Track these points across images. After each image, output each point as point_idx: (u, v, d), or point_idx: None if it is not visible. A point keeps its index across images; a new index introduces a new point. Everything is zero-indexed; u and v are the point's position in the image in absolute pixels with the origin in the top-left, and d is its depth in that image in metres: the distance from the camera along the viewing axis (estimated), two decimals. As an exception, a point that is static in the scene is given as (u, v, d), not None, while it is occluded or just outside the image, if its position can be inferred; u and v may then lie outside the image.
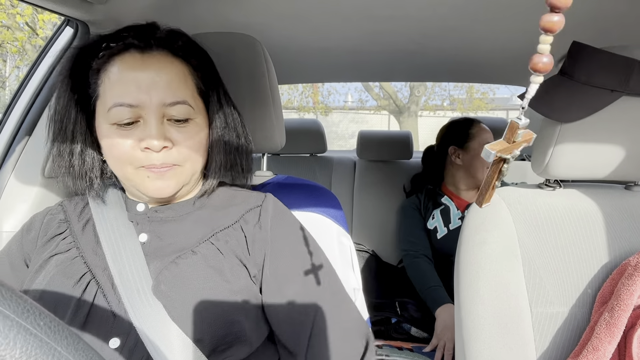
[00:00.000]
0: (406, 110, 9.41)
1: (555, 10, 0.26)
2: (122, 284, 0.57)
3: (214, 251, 0.61)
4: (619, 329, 0.57)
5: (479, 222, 0.72)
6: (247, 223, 0.65)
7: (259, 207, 0.66)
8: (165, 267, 0.59)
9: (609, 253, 0.68)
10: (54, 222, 0.66)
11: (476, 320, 0.67)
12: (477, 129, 1.56)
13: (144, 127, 0.57)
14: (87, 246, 0.63)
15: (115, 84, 0.57)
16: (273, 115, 0.81)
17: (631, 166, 0.71)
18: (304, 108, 11.07)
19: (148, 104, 0.57)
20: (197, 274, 0.58)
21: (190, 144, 0.61)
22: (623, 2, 0.93)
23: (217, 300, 0.57)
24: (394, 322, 1.38)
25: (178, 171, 0.60)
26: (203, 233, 0.63)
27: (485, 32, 1.19)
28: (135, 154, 0.58)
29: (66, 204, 0.69)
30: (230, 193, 0.70)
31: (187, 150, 0.60)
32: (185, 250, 0.61)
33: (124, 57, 0.59)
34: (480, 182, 1.54)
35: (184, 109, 0.59)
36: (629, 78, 0.66)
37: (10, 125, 0.91)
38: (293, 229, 0.67)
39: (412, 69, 1.70)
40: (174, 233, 0.63)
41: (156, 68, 0.58)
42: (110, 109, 0.57)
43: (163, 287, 0.57)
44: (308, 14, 1.08)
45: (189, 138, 0.60)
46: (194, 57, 0.64)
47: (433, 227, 1.53)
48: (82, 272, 0.59)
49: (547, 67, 0.28)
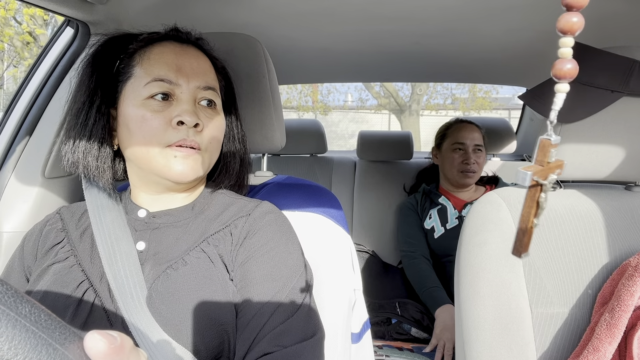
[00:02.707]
0: (407, 109, 9.15)
1: (572, 9, 0.24)
2: (118, 289, 0.57)
3: (205, 260, 0.60)
4: (619, 330, 0.57)
5: (479, 222, 0.72)
6: (237, 227, 0.64)
7: (250, 213, 0.65)
8: (158, 277, 0.59)
9: (609, 253, 0.68)
10: (52, 233, 0.66)
11: (476, 321, 0.67)
12: (452, 129, 1.59)
13: (177, 105, 0.60)
14: (85, 254, 0.62)
15: (156, 62, 0.61)
16: (273, 115, 0.81)
17: (631, 166, 0.71)
18: (303, 107, 10.89)
19: (185, 85, 0.61)
20: (188, 285, 0.57)
21: (214, 131, 0.64)
22: (623, 2, 0.93)
23: (207, 312, 0.56)
24: (394, 322, 1.38)
25: (199, 159, 0.62)
26: (195, 238, 0.63)
27: (486, 32, 1.19)
28: (167, 130, 0.59)
29: (64, 212, 0.69)
30: (227, 200, 0.69)
31: (211, 135, 0.63)
32: (178, 258, 0.60)
33: (163, 44, 0.64)
34: (454, 182, 1.56)
35: (214, 95, 0.64)
36: (629, 79, 0.66)
37: (11, 126, 0.91)
38: (278, 238, 0.63)
39: (412, 70, 1.70)
40: (171, 241, 0.63)
41: (195, 57, 0.64)
42: (148, 83, 0.60)
43: (156, 299, 0.57)
44: (308, 14, 1.08)
45: (215, 124, 0.64)
46: (219, 61, 0.70)
47: (430, 227, 1.53)
48: (79, 280, 0.59)
49: (573, 73, 0.26)
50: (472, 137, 1.53)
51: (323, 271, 0.73)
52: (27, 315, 0.24)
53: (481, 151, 1.54)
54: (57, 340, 0.25)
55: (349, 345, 0.76)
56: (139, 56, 0.62)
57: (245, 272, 0.60)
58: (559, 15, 0.25)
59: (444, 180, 1.63)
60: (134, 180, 0.66)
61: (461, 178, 1.52)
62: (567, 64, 0.25)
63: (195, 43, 0.67)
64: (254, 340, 0.56)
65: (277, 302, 0.58)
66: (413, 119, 9.08)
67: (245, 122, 0.79)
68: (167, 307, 0.56)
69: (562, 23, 0.25)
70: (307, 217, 0.77)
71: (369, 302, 1.41)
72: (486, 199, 0.74)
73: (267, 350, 0.54)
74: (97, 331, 0.26)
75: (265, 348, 0.54)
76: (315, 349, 0.57)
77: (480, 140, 1.55)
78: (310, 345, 0.56)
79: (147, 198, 0.66)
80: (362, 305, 0.80)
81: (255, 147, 0.82)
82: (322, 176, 1.97)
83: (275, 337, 0.55)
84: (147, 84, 0.60)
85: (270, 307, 0.57)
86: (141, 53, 0.62)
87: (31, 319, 0.24)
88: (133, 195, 0.67)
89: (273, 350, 0.54)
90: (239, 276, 0.60)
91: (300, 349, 0.55)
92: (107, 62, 0.63)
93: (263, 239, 0.62)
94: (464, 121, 1.61)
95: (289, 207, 0.77)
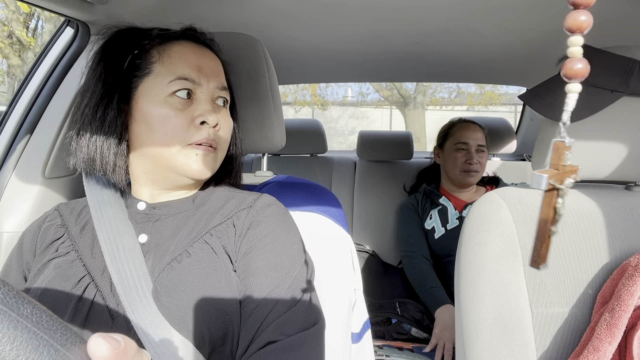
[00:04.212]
0: (412, 102, 8.48)
1: (579, 7, 0.24)
2: (121, 283, 0.57)
3: (208, 251, 0.61)
4: (619, 330, 0.57)
5: (480, 222, 0.72)
6: (239, 219, 0.64)
7: (252, 205, 0.66)
8: (162, 270, 0.59)
9: (610, 253, 0.68)
10: (51, 229, 0.66)
11: (476, 321, 0.67)
12: (455, 128, 1.59)
13: (198, 104, 0.62)
14: (86, 249, 0.62)
15: (179, 61, 0.62)
16: (273, 115, 0.81)
17: (631, 166, 0.71)
18: (299, 102, 10.26)
19: (206, 85, 0.63)
20: (193, 277, 0.58)
21: (228, 130, 0.67)
22: (623, 2, 0.93)
23: (213, 303, 0.57)
24: (394, 322, 1.38)
25: (215, 157, 0.65)
26: (198, 231, 0.63)
27: (486, 32, 1.19)
28: (189, 129, 0.61)
29: (62, 208, 0.69)
30: (227, 194, 0.70)
31: (225, 134, 0.66)
32: (181, 251, 0.61)
33: (182, 42, 0.65)
34: (456, 182, 1.56)
35: (228, 95, 0.68)
36: (629, 78, 0.66)
37: (11, 125, 0.91)
38: (280, 229, 0.64)
39: (412, 70, 1.70)
40: (172, 233, 0.63)
41: (212, 58, 0.67)
42: (172, 81, 0.61)
43: (161, 292, 0.57)
44: (308, 14, 1.08)
45: (228, 123, 0.67)
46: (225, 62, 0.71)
47: (431, 227, 1.53)
48: (80, 275, 0.59)
49: (584, 72, 0.25)
50: (475, 137, 1.54)
51: (323, 271, 0.73)
52: (29, 316, 0.24)
53: (484, 151, 1.54)
54: (58, 341, 0.25)
55: (349, 345, 0.76)
56: (157, 53, 0.62)
57: (248, 262, 0.61)
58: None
59: (445, 179, 1.63)
60: (138, 175, 0.66)
61: (464, 178, 1.52)
62: (578, 63, 0.25)
63: (208, 44, 0.68)
64: (257, 329, 0.57)
65: (280, 292, 0.59)
66: (418, 113, 8.52)
67: (245, 122, 0.79)
68: (173, 300, 0.57)
69: (570, 22, 0.24)
70: (307, 217, 0.77)
71: (369, 302, 1.41)
72: (486, 198, 0.74)
73: (271, 339, 0.55)
74: (100, 334, 0.26)
75: (269, 337, 0.55)
76: (317, 338, 0.59)
77: (483, 140, 1.55)
78: (312, 334, 0.58)
79: (147, 192, 0.66)
80: (362, 305, 0.80)
81: (255, 147, 0.82)
82: (322, 176, 1.97)
83: (278, 326, 0.56)
84: (171, 81, 0.60)
85: (273, 297, 0.58)
86: (160, 50, 0.62)
87: (33, 320, 0.24)
88: (133, 190, 0.67)
89: (277, 339, 0.55)
90: (242, 267, 0.61)
91: (303, 337, 0.57)
92: (119, 55, 0.63)
93: (265, 230, 0.63)
94: (467, 121, 1.61)
95: (289, 206, 0.77)
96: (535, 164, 0.75)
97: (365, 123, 11.02)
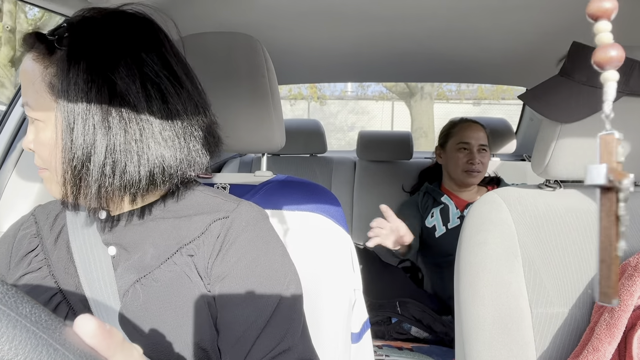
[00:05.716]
0: (419, 92, 7.55)
1: None
2: (93, 301, 0.54)
3: (179, 275, 0.56)
4: (619, 330, 0.57)
5: (479, 222, 0.72)
6: (212, 234, 0.58)
7: (226, 218, 0.59)
8: (127, 291, 0.55)
9: (609, 253, 0.68)
10: (25, 240, 0.62)
11: (476, 321, 0.67)
12: (457, 128, 1.58)
13: None
14: (59, 264, 0.59)
15: None
16: (273, 115, 0.81)
17: (631, 166, 0.71)
18: (295, 95, 9.56)
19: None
20: (160, 305, 0.54)
21: (42, 146, 0.59)
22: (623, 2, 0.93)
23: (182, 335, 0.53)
24: (394, 322, 1.38)
25: (50, 176, 0.58)
26: (168, 246, 0.57)
27: (486, 32, 1.19)
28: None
29: (38, 213, 0.65)
30: (201, 198, 0.62)
31: (42, 152, 0.59)
32: (150, 269, 0.56)
33: None
34: (458, 182, 1.55)
35: (31, 112, 0.59)
36: (629, 78, 0.66)
37: (12, 124, 0.91)
38: (258, 248, 0.58)
39: (412, 70, 1.71)
40: (140, 245, 0.58)
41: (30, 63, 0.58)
42: None
43: (127, 316, 0.54)
44: (308, 14, 1.08)
45: (40, 138, 0.59)
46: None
47: (432, 226, 1.53)
48: (52, 293, 0.56)
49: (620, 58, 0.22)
50: (477, 136, 1.53)
51: (323, 271, 0.73)
52: (28, 315, 0.24)
53: (486, 151, 1.54)
54: (57, 340, 0.25)
55: (349, 345, 0.76)
56: None
57: (223, 291, 0.55)
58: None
59: (447, 179, 1.62)
60: None
61: (465, 177, 1.52)
62: (611, 50, 0.22)
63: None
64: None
65: (260, 325, 0.54)
66: (426, 104, 7.55)
67: (245, 121, 0.79)
68: (138, 327, 0.53)
69: (594, 7, 0.22)
70: (307, 217, 0.77)
71: (369, 302, 1.41)
72: (486, 199, 0.74)
73: None
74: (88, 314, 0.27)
75: None
76: None
77: (485, 140, 1.55)
78: None
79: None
80: (362, 305, 0.80)
81: (254, 147, 0.82)
82: (322, 176, 1.98)
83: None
84: None
85: (253, 332, 0.53)
86: None
87: (32, 319, 0.24)
88: None
89: None
90: (217, 291, 0.56)
91: None
92: None
93: (241, 250, 0.57)
94: (469, 120, 1.61)
95: (289, 206, 0.77)
96: (535, 164, 0.75)
97: (365, 118, 10.31)
